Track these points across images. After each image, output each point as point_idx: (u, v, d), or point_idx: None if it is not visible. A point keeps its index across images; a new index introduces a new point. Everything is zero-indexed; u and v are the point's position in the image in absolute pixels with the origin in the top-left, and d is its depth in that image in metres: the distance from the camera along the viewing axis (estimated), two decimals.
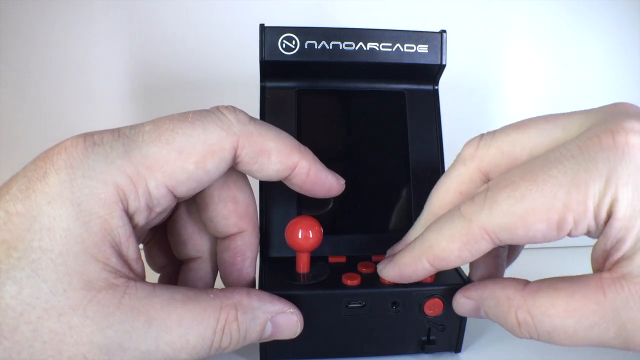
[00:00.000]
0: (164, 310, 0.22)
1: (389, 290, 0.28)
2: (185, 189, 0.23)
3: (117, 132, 0.22)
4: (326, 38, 0.31)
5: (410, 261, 0.26)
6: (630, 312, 0.21)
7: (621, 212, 0.21)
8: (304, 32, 0.31)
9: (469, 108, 0.50)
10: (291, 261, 0.29)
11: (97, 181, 0.21)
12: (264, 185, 0.31)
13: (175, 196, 0.24)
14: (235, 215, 0.27)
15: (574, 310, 0.22)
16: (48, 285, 0.20)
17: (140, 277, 0.23)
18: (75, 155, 0.21)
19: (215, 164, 0.23)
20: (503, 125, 0.26)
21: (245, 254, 0.28)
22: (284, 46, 0.31)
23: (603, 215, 0.21)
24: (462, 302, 0.27)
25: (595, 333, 0.22)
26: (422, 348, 0.30)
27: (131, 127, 0.23)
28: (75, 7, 0.45)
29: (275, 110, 0.32)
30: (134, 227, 0.23)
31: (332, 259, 0.31)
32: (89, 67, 0.47)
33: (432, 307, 0.28)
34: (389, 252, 0.30)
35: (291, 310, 0.26)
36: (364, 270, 0.29)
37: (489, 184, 0.24)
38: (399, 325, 0.29)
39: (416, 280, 0.27)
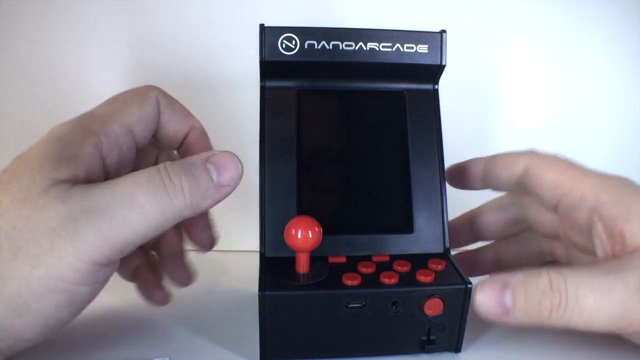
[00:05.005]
0: (115, 180, 0.25)
1: (389, 290, 0.28)
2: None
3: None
4: (326, 38, 0.31)
5: None
6: None
7: None
8: (304, 32, 0.31)
9: (469, 108, 0.50)
10: (291, 261, 0.29)
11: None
12: (264, 185, 0.31)
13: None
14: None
15: (602, 284, 0.25)
16: (21, 185, 0.24)
17: None
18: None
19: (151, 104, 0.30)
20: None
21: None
22: (284, 46, 0.31)
23: None
24: (487, 293, 0.26)
25: (619, 308, 0.25)
26: (422, 348, 0.30)
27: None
28: (75, 8, 0.45)
29: (275, 110, 0.32)
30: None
31: (332, 259, 0.31)
32: (88, 68, 0.47)
33: (432, 307, 0.28)
34: None
35: (216, 150, 0.28)
36: (364, 270, 0.29)
37: None
38: (399, 325, 0.29)
39: None
